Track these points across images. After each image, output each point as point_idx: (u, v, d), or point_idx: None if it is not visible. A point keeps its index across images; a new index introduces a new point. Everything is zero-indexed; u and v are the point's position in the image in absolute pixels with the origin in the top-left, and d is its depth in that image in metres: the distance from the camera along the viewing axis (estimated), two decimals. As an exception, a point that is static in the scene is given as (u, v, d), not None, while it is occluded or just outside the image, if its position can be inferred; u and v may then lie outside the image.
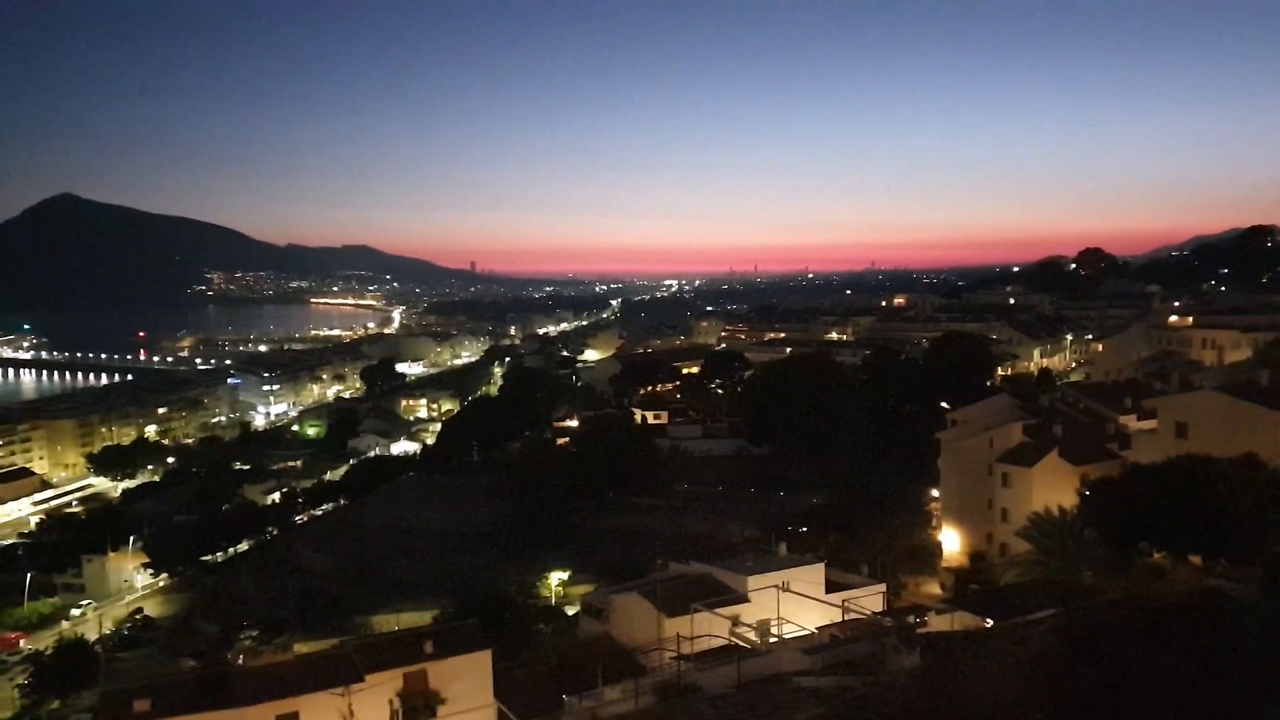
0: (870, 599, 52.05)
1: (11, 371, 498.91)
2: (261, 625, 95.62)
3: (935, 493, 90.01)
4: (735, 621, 46.29)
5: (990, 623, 41.89)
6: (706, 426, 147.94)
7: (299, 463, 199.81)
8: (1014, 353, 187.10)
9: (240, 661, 61.99)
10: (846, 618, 46.99)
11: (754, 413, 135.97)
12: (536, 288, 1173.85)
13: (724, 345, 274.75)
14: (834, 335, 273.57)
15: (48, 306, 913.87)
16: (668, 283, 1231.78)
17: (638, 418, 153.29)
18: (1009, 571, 62.51)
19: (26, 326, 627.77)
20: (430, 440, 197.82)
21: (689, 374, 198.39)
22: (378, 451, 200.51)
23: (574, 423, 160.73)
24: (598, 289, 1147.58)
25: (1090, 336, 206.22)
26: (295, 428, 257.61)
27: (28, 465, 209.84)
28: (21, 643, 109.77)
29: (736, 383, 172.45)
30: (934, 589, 73.30)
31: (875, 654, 35.10)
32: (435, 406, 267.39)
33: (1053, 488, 68.08)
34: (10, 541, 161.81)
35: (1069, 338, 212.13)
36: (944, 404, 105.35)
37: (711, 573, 53.82)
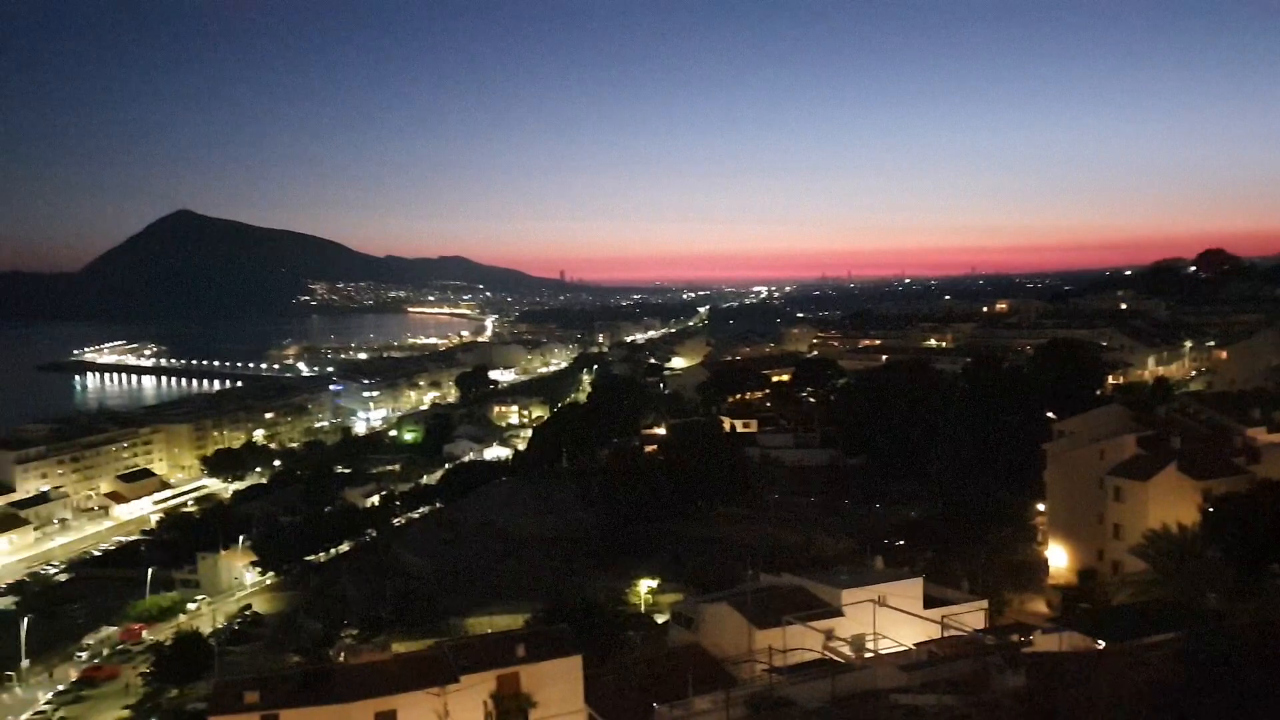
0: (971, 616, 50.22)
1: (134, 378, 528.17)
2: (361, 624, 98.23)
3: (1041, 507, 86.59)
4: (829, 635, 45.24)
5: (1102, 644, 39.93)
6: (798, 436, 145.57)
7: (397, 467, 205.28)
8: (1127, 361, 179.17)
9: (342, 659, 63.81)
10: (946, 635, 45.43)
11: (848, 422, 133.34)
12: (624, 295, 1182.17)
13: (816, 353, 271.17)
14: (932, 342, 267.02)
15: (166, 315, 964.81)
16: (757, 289, 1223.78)
17: (726, 426, 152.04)
18: (1122, 591, 59.55)
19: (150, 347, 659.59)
20: (521, 446, 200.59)
21: (779, 382, 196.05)
22: (471, 456, 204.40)
23: (661, 430, 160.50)
24: (685, 296, 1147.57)
25: (1212, 344, 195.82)
26: (394, 433, 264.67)
27: (149, 466, 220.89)
28: (144, 634, 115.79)
29: (829, 391, 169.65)
30: (1040, 607, 70.40)
31: (977, 673, 33.76)
32: (526, 413, 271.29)
33: (1171, 503, 64.56)
34: (134, 538, 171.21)
35: (1188, 345, 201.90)
36: (1050, 414, 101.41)
37: (804, 585, 52.77)
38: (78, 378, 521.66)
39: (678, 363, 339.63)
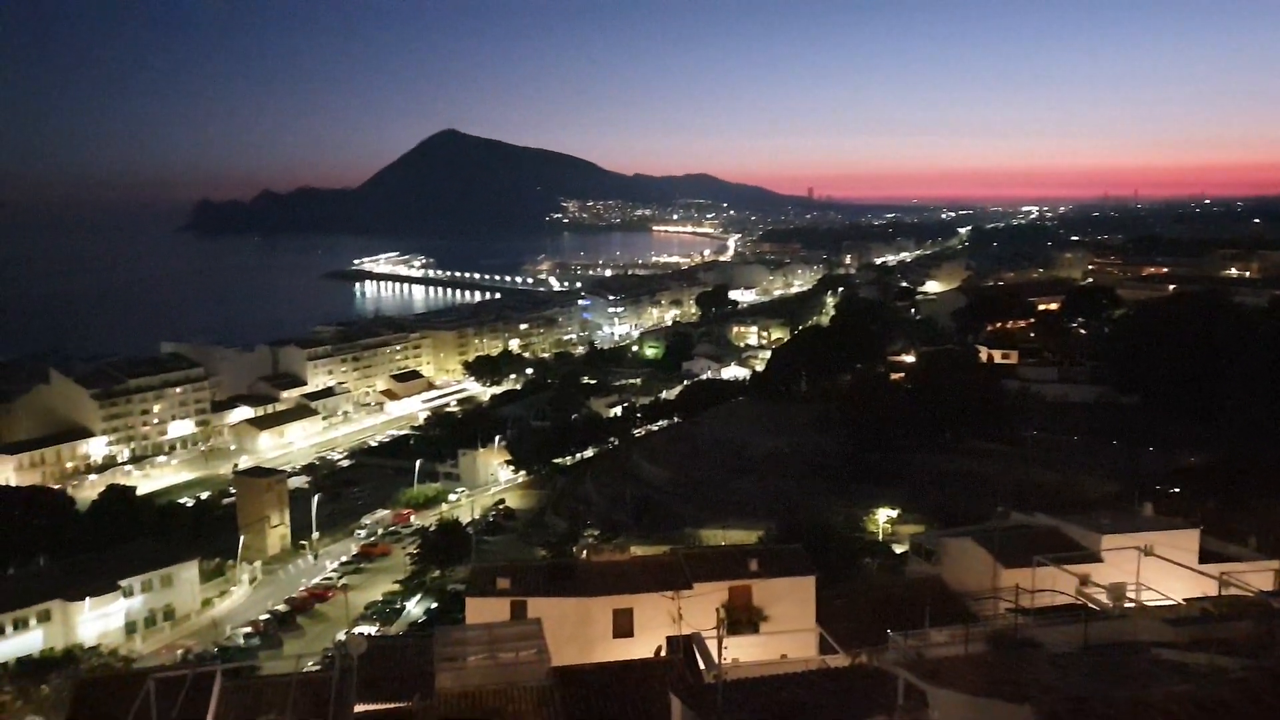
0: (1258, 577, 44.76)
1: (405, 287, 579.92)
2: (602, 525, 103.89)
3: (1357, 462, 75.22)
4: (1084, 580, 42.00)
5: None
6: (1063, 370, 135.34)
7: (638, 380, 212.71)
8: None
9: (584, 556, 67.52)
10: (1224, 593, 40.87)
11: (1123, 357, 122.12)
12: (876, 214, 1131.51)
13: (1091, 280, 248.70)
14: (1233, 272, 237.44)
15: (433, 229, 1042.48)
16: (1026, 209, 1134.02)
17: (983, 356, 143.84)
18: None
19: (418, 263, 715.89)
20: (759, 367, 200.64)
21: (1046, 311, 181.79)
22: (709, 374, 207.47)
23: (910, 358, 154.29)
24: (944, 215, 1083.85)
25: None
26: (636, 348, 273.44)
27: (417, 368, 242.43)
28: (411, 518, 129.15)
29: (1104, 323, 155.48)
30: (1346, 574, 61.56)
31: (1260, 636, 30.07)
32: (765, 334, 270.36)
33: None
34: (404, 432, 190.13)
35: None
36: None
37: (1059, 527, 49.26)
38: (357, 285, 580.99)
39: (932, 287, 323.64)
